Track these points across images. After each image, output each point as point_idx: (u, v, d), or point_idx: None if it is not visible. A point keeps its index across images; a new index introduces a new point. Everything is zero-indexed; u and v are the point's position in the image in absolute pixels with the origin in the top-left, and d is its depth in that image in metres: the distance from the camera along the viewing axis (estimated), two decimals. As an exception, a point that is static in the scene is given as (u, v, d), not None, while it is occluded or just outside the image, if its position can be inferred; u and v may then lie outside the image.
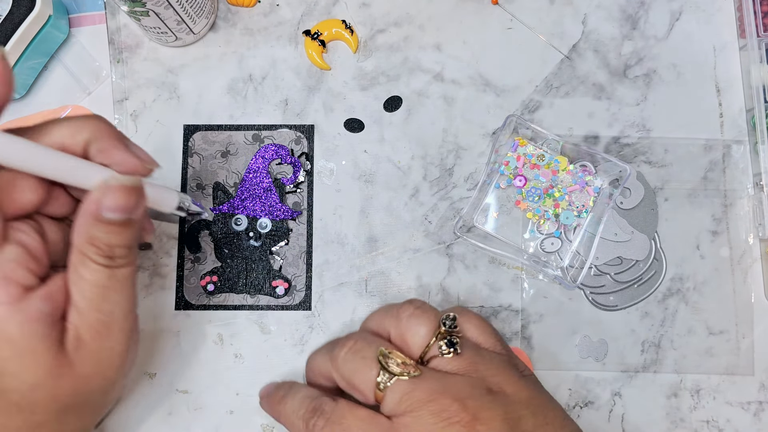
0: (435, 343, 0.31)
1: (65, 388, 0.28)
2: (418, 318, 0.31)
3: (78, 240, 0.28)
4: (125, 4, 0.37)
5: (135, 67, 0.43)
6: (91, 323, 0.29)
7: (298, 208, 0.41)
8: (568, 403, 0.39)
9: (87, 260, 0.28)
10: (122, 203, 0.28)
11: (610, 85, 0.42)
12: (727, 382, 0.39)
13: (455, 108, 0.42)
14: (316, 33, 0.42)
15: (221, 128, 0.42)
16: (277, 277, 0.41)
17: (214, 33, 0.43)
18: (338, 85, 0.43)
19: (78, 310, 0.28)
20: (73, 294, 0.28)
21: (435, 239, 0.41)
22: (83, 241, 0.28)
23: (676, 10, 0.43)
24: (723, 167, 0.41)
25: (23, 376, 0.27)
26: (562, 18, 0.43)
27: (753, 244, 0.41)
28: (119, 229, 0.28)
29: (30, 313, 0.27)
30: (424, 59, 0.43)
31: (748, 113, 0.42)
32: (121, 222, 0.28)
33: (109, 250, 0.28)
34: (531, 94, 0.42)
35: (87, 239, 0.28)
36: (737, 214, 0.41)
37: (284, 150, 0.42)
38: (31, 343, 0.27)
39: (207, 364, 0.40)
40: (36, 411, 0.28)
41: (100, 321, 0.29)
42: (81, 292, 0.28)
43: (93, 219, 0.28)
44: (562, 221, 0.40)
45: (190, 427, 0.39)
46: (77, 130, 0.29)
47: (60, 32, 0.42)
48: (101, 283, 0.28)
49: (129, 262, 0.30)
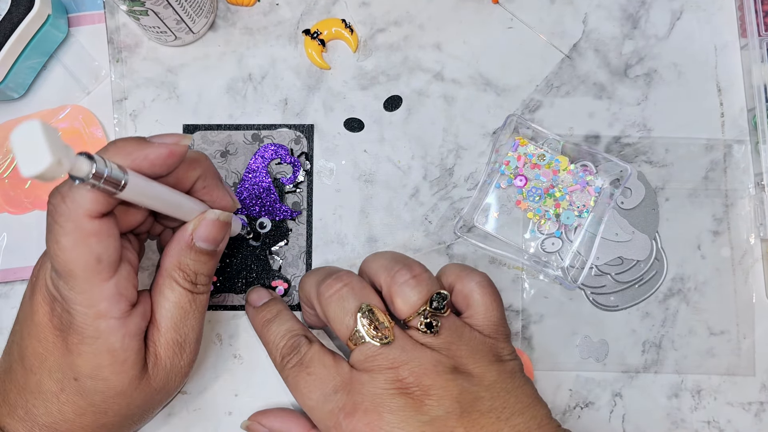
0: (417, 317, 0.32)
1: (138, 399, 0.32)
2: (412, 288, 0.32)
3: (168, 264, 0.32)
4: (124, 4, 0.37)
5: (134, 66, 0.43)
6: (168, 342, 0.32)
7: (298, 208, 0.41)
8: (569, 403, 0.39)
9: (174, 283, 0.32)
10: (213, 235, 0.32)
11: (611, 85, 0.42)
12: (728, 382, 0.39)
13: (455, 107, 0.42)
14: (315, 32, 0.42)
15: (221, 128, 0.42)
16: (277, 278, 0.40)
17: (214, 32, 0.43)
18: (338, 84, 0.42)
19: (159, 329, 0.32)
20: (156, 314, 0.32)
21: (435, 239, 0.41)
22: (173, 265, 0.32)
23: (677, 9, 0.43)
24: (724, 167, 0.41)
25: (112, 383, 0.31)
26: (563, 17, 0.43)
27: (754, 244, 0.40)
28: (206, 258, 0.32)
29: (131, 328, 0.30)
30: (424, 59, 0.43)
31: (749, 113, 0.42)
32: (208, 252, 0.32)
33: (194, 277, 0.32)
34: (531, 93, 0.42)
35: (177, 264, 0.32)
36: (738, 214, 0.41)
37: (284, 150, 0.42)
38: (127, 355, 0.30)
39: (206, 365, 0.40)
40: (108, 414, 0.32)
41: (176, 341, 0.32)
42: (164, 313, 0.32)
43: (186, 246, 0.32)
44: (563, 221, 0.40)
45: (190, 428, 0.39)
46: (192, 168, 0.32)
47: (59, 31, 0.42)
48: (183, 305, 0.32)
49: (207, 290, 0.34)
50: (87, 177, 0.24)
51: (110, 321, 0.29)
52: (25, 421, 0.31)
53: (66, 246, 0.28)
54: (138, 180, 0.27)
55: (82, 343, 0.30)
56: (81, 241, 0.28)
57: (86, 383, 0.30)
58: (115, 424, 0.32)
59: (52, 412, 0.31)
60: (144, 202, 0.29)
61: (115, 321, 0.29)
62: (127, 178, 0.26)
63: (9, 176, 0.42)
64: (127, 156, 0.28)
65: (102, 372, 0.30)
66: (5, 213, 0.41)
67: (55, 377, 0.31)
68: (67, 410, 0.31)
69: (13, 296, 0.41)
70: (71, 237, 0.28)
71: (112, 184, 0.25)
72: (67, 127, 0.42)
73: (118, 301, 0.29)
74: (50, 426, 0.31)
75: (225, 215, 0.33)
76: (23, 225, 0.41)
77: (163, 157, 0.29)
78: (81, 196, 0.27)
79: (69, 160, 0.22)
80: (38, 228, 0.41)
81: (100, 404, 0.31)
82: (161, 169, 0.29)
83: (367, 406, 0.30)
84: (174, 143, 0.29)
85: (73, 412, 0.31)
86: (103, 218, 0.28)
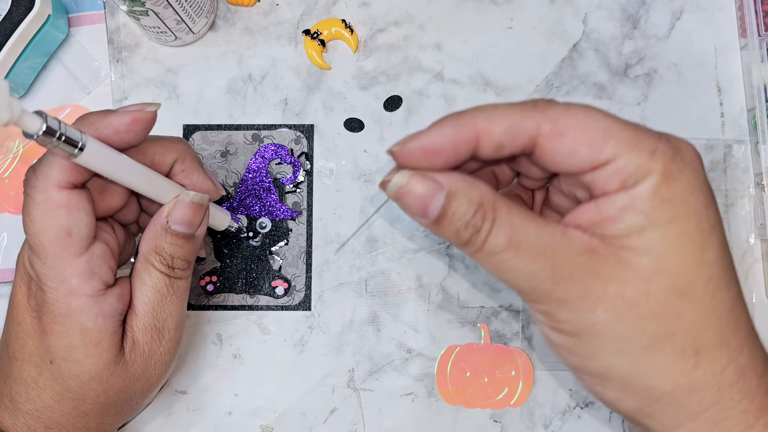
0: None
1: (115, 385, 0.31)
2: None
3: (145, 248, 0.32)
4: (124, 4, 0.37)
5: (134, 66, 0.43)
6: (146, 327, 0.32)
7: (298, 208, 0.41)
8: (569, 403, 0.39)
9: (150, 267, 0.31)
10: (189, 218, 0.32)
11: (611, 85, 0.42)
12: (728, 382, 0.39)
13: (456, 107, 0.42)
14: (315, 32, 0.42)
15: (221, 128, 0.42)
16: (277, 278, 0.40)
17: (214, 32, 0.43)
18: (338, 84, 0.42)
19: (136, 313, 0.32)
20: (134, 298, 0.32)
21: (435, 239, 0.41)
22: (149, 249, 0.32)
23: (676, 9, 0.43)
24: (724, 167, 0.41)
25: (86, 365, 0.30)
26: (563, 17, 0.43)
27: (754, 244, 0.40)
28: (182, 242, 0.32)
29: (105, 309, 0.30)
30: (424, 59, 0.43)
31: (749, 113, 0.42)
32: (184, 235, 0.32)
33: (170, 260, 0.32)
34: (532, 93, 0.42)
35: (153, 248, 0.31)
36: (738, 214, 0.41)
37: (284, 150, 0.42)
38: (100, 336, 0.30)
39: (206, 365, 0.40)
40: (86, 401, 0.31)
41: (154, 326, 0.32)
42: (141, 297, 0.31)
43: (161, 229, 0.31)
44: (563, 221, 0.40)
45: (189, 428, 0.39)
46: (168, 150, 0.32)
47: (59, 32, 0.42)
48: (160, 289, 0.32)
49: (186, 275, 0.33)
50: (38, 132, 0.25)
51: (82, 299, 0.29)
52: (10, 409, 0.31)
53: (36, 217, 0.28)
54: (99, 147, 0.28)
55: (54, 321, 0.30)
56: (50, 212, 0.28)
57: (61, 366, 0.30)
58: (95, 412, 0.32)
59: (32, 398, 0.31)
60: (111, 173, 0.29)
61: (87, 299, 0.29)
62: (86, 139, 0.26)
63: (9, 176, 0.42)
64: (90, 125, 0.29)
65: (75, 353, 0.30)
66: (5, 213, 0.41)
67: (34, 361, 0.31)
68: (46, 396, 0.31)
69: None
70: (40, 208, 0.28)
71: (68, 144, 0.26)
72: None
73: (90, 279, 0.29)
74: (32, 413, 0.31)
75: (199, 197, 0.32)
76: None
77: (127, 123, 0.29)
78: (49, 166, 0.28)
79: (11, 110, 0.23)
80: (38, 228, 0.41)
81: (76, 389, 0.31)
82: (127, 136, 0.29)
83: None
84: (137, 110, 0.29)
85: (51, 398, 0.31)
86: (73, 190, 0.29)
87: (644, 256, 0.25)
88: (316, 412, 0.39)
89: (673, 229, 0.25)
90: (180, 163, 0.33)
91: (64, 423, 0.32)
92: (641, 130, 0.25)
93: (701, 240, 0.25)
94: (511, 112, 0.26)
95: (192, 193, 0.32)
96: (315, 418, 0.39)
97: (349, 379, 0.40)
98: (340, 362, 0.40)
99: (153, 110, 0.30)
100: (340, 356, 0.40)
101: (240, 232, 0.40)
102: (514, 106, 0.26)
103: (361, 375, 0.39)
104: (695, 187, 0.25)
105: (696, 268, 0.25)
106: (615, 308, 0.25)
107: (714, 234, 0.25)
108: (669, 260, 0.25)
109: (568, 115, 0.25)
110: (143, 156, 0.31)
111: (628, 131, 0.25)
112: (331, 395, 0.39)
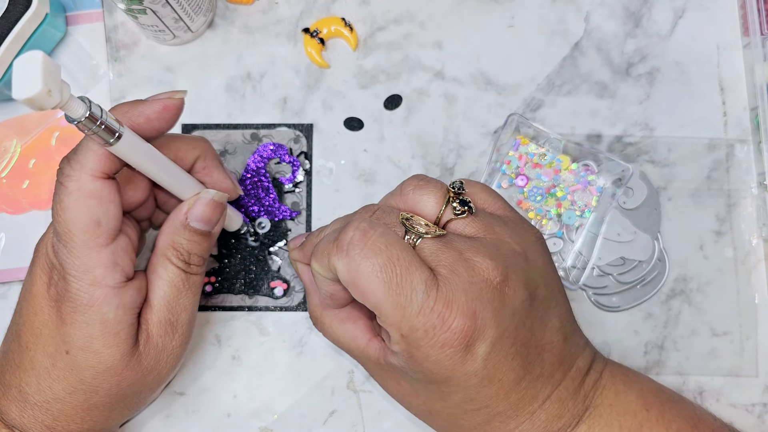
0: (448, 207, 0.30)
1: (128, 377, 0.32)
2: (424, 188, 0.30)
3: (162, 243, 0.32)
4: (122, 2, 0.37)
5: (132, 65, 0.43)
6: (161, 321, 0.32)
7: (297, 208, 0.41)
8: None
9: (167, 262, 0.32)
10: (208, 215, 0.33)
11: (613, 84, 0.42)
12: (730, 383, 0.39)
13: (456, 106, 0.42)
14: (315, 31, 0.42)
15: (219, 127, 0.42)
16: (276, 278, 0.40)
17: (212, 31, 0.43)
18: (338, 83, 0.42)
19: (152, 307, 0.32)
20: (150, 292, 0.32)
21: (435, 239, 0.41)
22: (167, 244, 0.32)
23: (679, 7, 0.43)
24: (726, 167, 0.41)
25: (102, 356, 0.30)
26: (565, 15, 0.43)
27: (757, 244, 0.40)
28: (200, 239, 0.33)
29: (125, 300, 0.30)
30: (424, 57, 0.42)
31: (752, 112, 0.41)
32: (202, 232, 0.33)
33: (187, 256, 0.32)
34: (533, 92, 0.42)
35: (171, 243, 0.32)
36: (741, 214, 0.41)
37: (283, 149, 0.41)
38: (119, 327, 0.30)
39: (204, 366, 0.39)
40: (98, 393, 0.31)
41: (168, 320, 0.32)
42: (157, 291, 0.32)
43: (180, 225, 0.32)
44: (565, 221, 0.40)
45: (188, 429, 0.39)
46: (191, 147, 0.33)
47: (57, 30, 0.42)
48: (176, 284, 0.32)
49: (201, 271, 0.34)
50: (81, 118, 0.25)
51: (105, 289, 0.30)
52: (18, 401, 0.31)
53: (68, 206, 0.29)
54: (134, 137, 0.28)
55: (75, 311, 0.30)
56: (82, 201, 0.29)
57: (77, 356, 0.30)
58: (105, 405, 0.32)
59: (43, 389, 0.31)
60: (141, 164, 0.30)
61: (109, 290, 0.30)
62: (123, 129, 0.27)
63: (7, 176, 0.41)
64: (123, 114, 0.30)
65: (93, 344, 0.30)
66: (3, 213, 0.41)
67: (48, 351, 0.31)
68: (58, 388, 0.31)
69: (11, 296, 0.41)
70: (73, 197, 0.29)
71: (107, 131, 0.26)
72: (66, 126, 0.42)
73: (114, 270, 0.30)
74: (41, 405, 0.31)
75: (220, 195, 0.33)
76: (21, 225, 0.41)
77: (158, 111, 0.30)
78: (85, 155, 0.29)
79: (61, 94, 0.23)
80: (36, 228, 0.41)
81: (90, 381, 0.31)
82: (158, 123, 0.30)
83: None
84: (167, 98, 0.30)
85: (63, 389, 0.31)
86: (105, 180, 0.29)
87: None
88: (316, 413, 0.39)
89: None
90: (202, 161, 0.34)
91: (73, 416, 0.32)
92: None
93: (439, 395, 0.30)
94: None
95: (213, 191, 0.33)
96: (314, 420, 0.39)
97: (349, 381, 0.39)
98: (340, 363, 0.39)
99: (181, 97, 0.31)
100: (339, 357, 0.39)
101: (248, 233, 0.40)
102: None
103: (361, 376, 0.39)
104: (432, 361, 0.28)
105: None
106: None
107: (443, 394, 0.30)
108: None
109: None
110: (167, 151, 0.32)
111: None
112: (331, 397, 0.39)
